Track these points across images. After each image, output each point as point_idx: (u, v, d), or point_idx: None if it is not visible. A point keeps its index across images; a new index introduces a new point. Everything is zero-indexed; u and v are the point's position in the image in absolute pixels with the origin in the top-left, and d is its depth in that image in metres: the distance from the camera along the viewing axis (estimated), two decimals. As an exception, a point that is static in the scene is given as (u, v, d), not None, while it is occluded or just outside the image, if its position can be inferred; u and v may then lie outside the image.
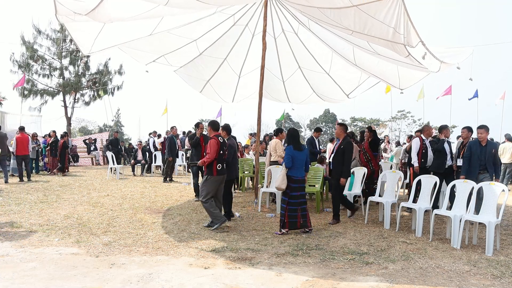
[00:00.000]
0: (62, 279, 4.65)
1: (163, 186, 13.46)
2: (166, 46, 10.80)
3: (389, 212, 7.69)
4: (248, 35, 11.03)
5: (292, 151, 6.89)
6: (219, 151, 7.11)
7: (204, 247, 6.01)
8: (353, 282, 4.69)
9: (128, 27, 9.01)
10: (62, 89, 30.04)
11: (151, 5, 7.23)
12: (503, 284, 4.72)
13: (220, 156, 7.14)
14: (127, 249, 5.86)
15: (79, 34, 9.12)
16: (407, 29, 5.77)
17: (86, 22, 8.12)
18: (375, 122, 55.70)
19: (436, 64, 7.44)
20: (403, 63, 8.19)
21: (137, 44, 10.25)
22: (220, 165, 7.17)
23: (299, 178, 6.95)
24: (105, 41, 9.44)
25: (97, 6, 6.58)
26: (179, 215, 8.49)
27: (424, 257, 5.69)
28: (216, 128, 7.52)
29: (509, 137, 14.99)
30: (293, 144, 6.98)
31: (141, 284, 4.55)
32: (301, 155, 6.96)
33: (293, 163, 6.87)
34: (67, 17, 7.46)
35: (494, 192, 6.40)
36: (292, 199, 6.90)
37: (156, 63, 11.49)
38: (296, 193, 6.94)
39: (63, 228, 7.06)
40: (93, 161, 23.48)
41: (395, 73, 9.46)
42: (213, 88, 13.04)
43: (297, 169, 6.93)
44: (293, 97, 13.64)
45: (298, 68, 11.88)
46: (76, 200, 9.98)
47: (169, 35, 10.14)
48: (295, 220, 6.91)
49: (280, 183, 6.84)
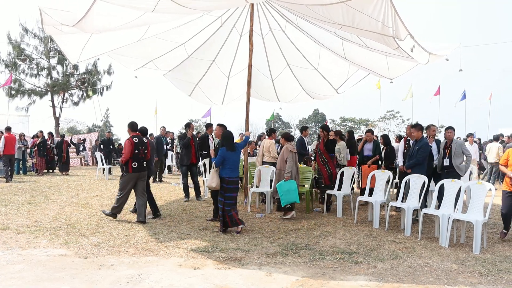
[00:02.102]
0: (50, 281, 4.61)
1: (153, 186, 13.39)
2: (154, 51, 10.78)
3: (378, 212, 7.73)
4: (236, 35, 11.01)
5: (225, 152, 7.00)
6: (134, 151, 7.63)
7: (193, 248, 6.00)
8: (343, 281, 4.71)
9: (116, 34, 8.99)
10: (50, 89, 29.77)
11: (138, 13, 7.20)
12: (489, 281, 4.77)
13: (135, 155, 7.64)
14: (116, 250, 5.82)
15: (67, 43, 9.11)
16: (395, 23, 5.84)
17: (73, 34, 8.11)
18: (364, 122, 55.95)
19: (425, 55, 7.51)
20: (393, 55, 8.27)
21: (125, 51, 10.26)
22: (136, 163, 7.66)
23: (233, 178, 7.05)
24: (93, 49, 9.43)
25: (84, 17, 6.52)
26: (168, 215, 8.47)
27: (413, 256, 5.73)
28: (134, 129, 7.95)
29: (495, 137, 15.18)
30: (227, 146, 7.08)
31: (131, 285, 4.53)
32: (234, 156, 7.08)
33: (227, 164, 6.99)
34: (55, 28, 7.42)
35: (481, 191, 6.47)
36: (228, 200, 7.00)
37: (144, 68, 11.47)
38: (230, 194, 7.04)
39: (51, 230, 7.00)
40: (82, 161, 23.32)
41: (384, 63, 9.43)
42: (202, 91, 12.99)
43: (231, 170, 7.04)
44: (282, 96, 13.59)
45: (287, 66, 11.84)
46: (65, 201, 9.91)
47: (157, 40, 10.13)
48: (234, 219, 7.04)
49: (210, 182, 6.98)
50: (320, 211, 9.21)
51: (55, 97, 30.56)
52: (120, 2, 6.53)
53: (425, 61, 7.73)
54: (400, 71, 9.85)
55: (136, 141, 7.72)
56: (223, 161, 6.97)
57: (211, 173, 7.02)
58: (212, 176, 7.01)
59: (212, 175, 7.00)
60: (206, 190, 11.41)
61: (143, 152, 7.81)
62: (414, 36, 6.39)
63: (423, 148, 7.97)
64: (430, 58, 7.60)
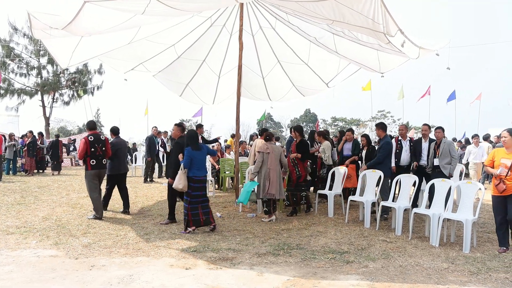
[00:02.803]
0: (40, 282, 4.58)
1: (144, 186, 13.36)
2: (144, 53, 10.78)
3: (369, 212, 7.76)
4: (226, 34, 11.00)
5: (191, 152, 7.00)
6: (91, 149, 7.94)
7: (185, 248, 5.98)
8: (334, 281, 4.72)
9: (106, 38, 8.97)
10: (40, 88, 29.58)
11: (128, 15, 7.18)
12: (479, 280, 4.81)
13: (92, 153, 7.97)
14: (107, 251, 5.80)
15: (56, 48, 9.08)
16: (385, 19, 5.90)
17: (62, 38, 8.07)
18: (356, 122, 56.16)
19: (415, 50, 7.57)
20: (384, 49, 8.34)
21: (115, 54, 10.26)
22: (94, 161, 8.00)
23: (200, 177, 7.09)
24: (83, 53, 9.44)
25: (73, 19, 6.49)
26: (159, 215, 8.44)
27: (404, 255, 5.76)
28: (90, 127, 8.32)
29: (485, 137, 15.31)
30: (192, 145, 7.08)
31: (122, 285, 4.51)
32: (200, 155, 7.10)
33: (193, 163, 7.01)
34: (43, 32, 7.38)
35: (471, 190, 6.52)
36: (194, 198, 7.04)
37: (134, 70, 11.45)
38: (197, 192, 7.08)
39: (41, 230, 6.95)
40: (72, 161, 23.18)
41: (375, 57, 9.45)
42: (193, 91, 12.96)
43: (198, 169, 7.07)
44: (273, 94, 13.54)
45: (277, 62, 11.82)
46: (55, 202, 9.84)
47: (147, 42, 10.13)
48: (198, 218, 7.05)
49: (177, 183, 6.94)
50: (311, 210, 9.22)
51: (45, 96, 30.38)
52: (110, 5, 6.51)
53: (416, 55, 7.80)
54: (391, 66, 9.87)
55: (91, 139, 7.98)
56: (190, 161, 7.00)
57: (179, 175, 6.95)
58: (179, 177, 6.93)
59: (180, 176, 6.93)
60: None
61: (100, 149, 8.07)
62: (404, 32, 6.45)
63: (384, 147, 8.18)
64: (420, 52, 7.67)
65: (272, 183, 8.00)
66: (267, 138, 8.36)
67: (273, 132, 9.46)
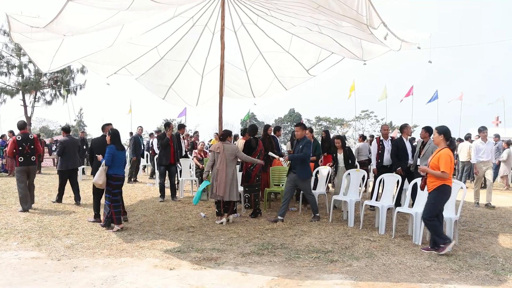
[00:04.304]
0: (21, 285, 4.51)
1: (127, 187, 13.25)
2: (126, 56, 10.69)
3: (353, 211, 7.81)
4: (208, 33, 10.94)
5: (115, 150, 7.18)
6: (19, 147, 8.68)
7: (169, 248, 5.96)
8: (318, 280, 4.74)
9: (87, 40, 8.89)
10: (21, 87, 29.14)
11: (111, 12, 7.12)
12: (461, 277, 4.88)
13: (20, 151, 8.71)
14: (90, 252, 5.74)
15: (37, 52, 8.99)
16: (369, 11, 5.99)
17: (43, 41, 7.98)
18: (340, 122, 56.46)
19: (397, 43, 7.68)
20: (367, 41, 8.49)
21: (98, 57, 10.19)
22: (22, 158, 8.73)
23: (119, 175, 7.26)
24: (64, 56, 9.32)
25: (56, 17, 6.42)
26: (143, 216, 8.39)
27: (387, 254, 5.82)
28: (20, 127, 9.00)
29: (466, 137, 15.53)
30: (115, 144, 7.27)
31: (105, 287, 4.47)
32: (121, 154, 7.32)
33: (115, 162, 7.18)
34: (23, 35, 7.28)
35: (453, 189, 6.60)
36: (115, 196, 7.18)
37: (117, 75, 11.36)
38: (118, 190, 7.26)
39: (22, 232, 6.85)
40: (54, 162, 22.88)
41: (358, 45, 9.47)
42: (176, 93, 12.84)
43: (118, 168, 7.24)
44: (256, 88, 13.39)
45: (260, 54, 11.72)
46: (37, 202, 9.70)
47: (129, 44, 10.04)
48: (119, 216, 7.18)
49: (97, 179, 7.09)
50: (295, 210, 9.26)
51: (26, 96, 29.94)
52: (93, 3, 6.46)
53: (398, 48, 7.91)
54: (374, 55, 9.88)
55: (19, 139, 8.73)
56: (112, 159, 7.15)
57: (100, 171, 7.10)
58: (100, 174, 7.07)
59: (101, 173, 7.08)
60: (182, 190, 11.37)
61: (28, 148, 8.81)
62: (387, 25, 6.55)
63: (307, 146, 8.05)
64: (402, 45, 7.79)
65: (219, 184, 7.70)
66: (221, 137, 8.12)
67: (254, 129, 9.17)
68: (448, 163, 5.80)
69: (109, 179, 7.11)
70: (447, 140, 6.09)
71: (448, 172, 5.80)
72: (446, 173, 5.78)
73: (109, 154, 7.09)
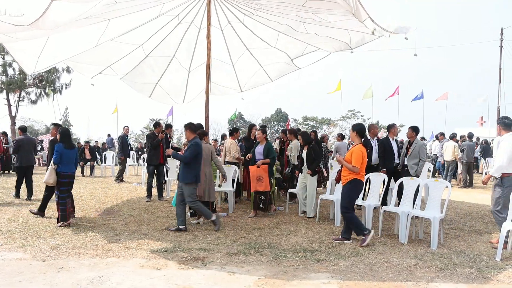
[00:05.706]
0: (6, 286, 4.46)
1: (114, 186, 13.17)
2: (111, 56, 10.64)
3: (340, 210, 7.83)
4: (195, 30, 10.89)
5: (62, 149, 7.36)
6: None
7: (156, 248, 5.93)
8: (305, 279, 4.76)
9: (72, 40, 8.82)
10: (5, 86, 28.77)
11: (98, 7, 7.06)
12: (446, 275, 4.94)
13: None
14: (76, 252, 5.69)
15: (21, 53, 8.91)
16: (355, 5, 6.04)
17: (28, 40, 7.90)
18: (326, 122, 56.64)
19: (386, 34, 7.79)
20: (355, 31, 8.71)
21: (83, 57, 10.15)
22: None
23: (68, 173, 7.45)
24: (49, 57, 9.28)
25: (41, 16, 6.36)
26: (130, 216, 8.34)
27: (373, 252, 5.86)
28: None
29: (451, 137, 15.73)
30: (64, 143, 7.45)
31: (91, 287, 4.44)
32: (70, 153, 7.49)
33: (63, 160, 7.36)
34: (7, 35, 7.23)
35: (438, 188, 6.68)
36: (62, 193, 7.36)
37: (102, 74, 11.28)
38: (65, 188, 7.43)
39: (6, 232, 6.77)
40: (40, 161, 22.64)
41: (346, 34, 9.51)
42: (163, 89, 12.77)
43: (66, 165, 7.42)
44: (242, 80, 13.25)
45: (246, 50, 11.74)
46: (21, 203, 9.60)
47: (114, 43, 9.99)
48: (65, 213, 7.31)
49: (47, 178, 7.30)
50: (282, 209, 9.27)
51: (11, 95, 29.57)
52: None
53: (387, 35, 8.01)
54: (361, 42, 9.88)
55: None
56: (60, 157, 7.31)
57: (49, 170, 7.32)
58: (50, 172, 7.28)
59: (50, 171, 7.29)
60: (169, 190, 11.32)
61: None
62: (374, 19, 6.62)
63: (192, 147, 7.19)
64: (390, 35, 7.89)
65: (199, 184, 7.41)
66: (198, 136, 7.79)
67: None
68: (359, 159, 6.22)
69: (57, 177, 7.31)
70: (361, 137, 6.47)
71: (359, 167, 6.21)
72: (356, 167, 6.20)
73: (57, 153, 7.30)
